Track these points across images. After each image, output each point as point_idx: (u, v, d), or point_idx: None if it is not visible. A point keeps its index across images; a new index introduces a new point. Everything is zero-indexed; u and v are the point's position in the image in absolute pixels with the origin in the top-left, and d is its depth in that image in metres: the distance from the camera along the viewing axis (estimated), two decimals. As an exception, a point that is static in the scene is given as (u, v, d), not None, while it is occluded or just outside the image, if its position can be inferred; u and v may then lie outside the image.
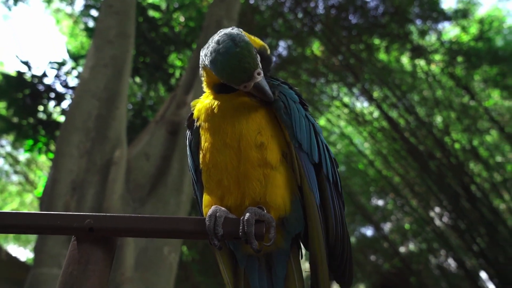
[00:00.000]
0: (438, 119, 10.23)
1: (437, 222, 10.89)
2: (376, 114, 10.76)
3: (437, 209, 10.83)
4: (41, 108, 6.68)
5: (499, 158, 10.44)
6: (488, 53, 8.82)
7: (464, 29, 9.05)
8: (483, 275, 10.92)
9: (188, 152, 1.07)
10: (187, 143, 1.07)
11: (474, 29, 9.24)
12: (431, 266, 13.26)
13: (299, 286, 0.94)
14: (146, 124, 7.38)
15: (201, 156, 0.99)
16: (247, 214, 0.83)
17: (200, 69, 1.05)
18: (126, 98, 4.18)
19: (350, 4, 9.74)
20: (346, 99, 11.47)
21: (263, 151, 0.91)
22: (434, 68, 9.71)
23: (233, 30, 0.95)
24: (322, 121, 12.48)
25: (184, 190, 3.86)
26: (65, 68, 7.03)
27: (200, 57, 1.01)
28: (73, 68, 7.13)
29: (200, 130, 1.01)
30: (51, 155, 6.88)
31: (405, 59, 10.08)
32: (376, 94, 10.26)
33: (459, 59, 9.24)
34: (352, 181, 11.62)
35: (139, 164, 3.91)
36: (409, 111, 9.68)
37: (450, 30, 9.90)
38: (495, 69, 9.07)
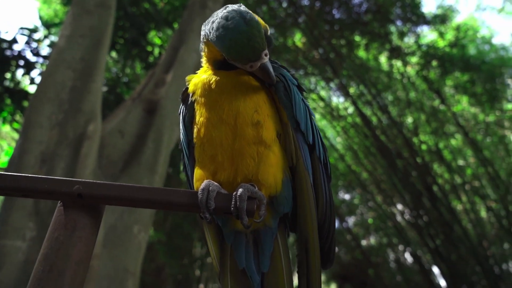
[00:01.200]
0: (409, 120, 10.56)
1: (399, 218, 11.32)
2: (350, 110, 10.97)
3: (400, 206, 11.25)
4: (8, 75, 6.34)
5: (461, 162, 10.92)
6: (461, 60, 9.15)
7: (441, 34, 9.33)
8: (436, 270, 11.50)
9: (181, 126, 1.06)
10: (181, 117, 1.07)
11: (450, 36, 9.55)
12: (388, 260, 13.85)
13: (285, 263, 0.97)
14: (120, 100, 7.18)
15: (195, 130, 0.98)
16: (240, 190, 0.84)
17: (201, 44, 1.04)
18: (103, 71, 4.05)
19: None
20: (323, 93, 11.61)
21: (259, 130, 0.92)
22: (409, 70, 9.98)
23: (241, 7, 0.94)
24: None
25: (158, 170, 3.81)
26: (36, 36, 6.69)
27: (202, 31, 1.00)
28: (45, 36, 6.79)
29: (195, 104, 1.01)
30: (16, 125, 6.58)
31: (383, 59, 10.29)
32: (352, 90, 10.44)
33: (434, 63, 9.54)
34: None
35: (113, 140, 3.82)
36: (382, 109, 9.93)
37: (428, 34, 10.18)
38: (466, 76, 9.44)
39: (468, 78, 9.34)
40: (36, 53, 6.40)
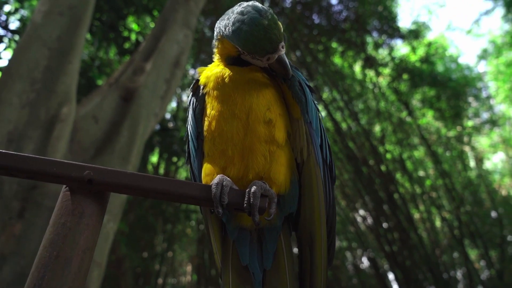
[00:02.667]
0: (377, 128, 10.90)
1: (360, 223, 11.68)
2: (322, 114, 11.17)
3: (362, 212, 11.61)
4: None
5: (421, 173, 11.42)
6: (430, 76, 9.57)
7: (413, 49, 9.70)
8: (391, 276, 11.97)
9: (191, 118, 1.04)
10: (191, 109, 1.05)
11: (421, 51, 9.95)
12: (346, 263, 14.25)
13: (288, 261, 0.98)
14: (92, 84, 6.93)
15: (206, 123, 0.98)
16: (254, 187, 0.84)
17: (214, 40, 1.03)
18: (80, 53, 3.88)
19: (316, 4, 9.93)
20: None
21: (271, 128, 0.93)
22: (381, 80, 10.30)
23: (254, 2, 0.94)
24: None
25: (131, 160, 3.71)
26: (6, 8, 6.32)
27: (216, 29, 0.99)
28: (16, 9, 6.43)
29: (207, 97, 1.00)
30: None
31: (357, 67, 10.55)
32: (325, 95, 10.65)
33: (404, 76, 9.91)
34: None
35: (86, 125, 3.68)
36: (353, 117, 10.20)
37: (401, 48, 10.55)
38: (433, 91, 9.88)
39: (434, 93, 9.77)
40: (5, 26, 6.05)
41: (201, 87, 1.02)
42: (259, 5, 0.92)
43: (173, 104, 10.78)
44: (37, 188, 3.02)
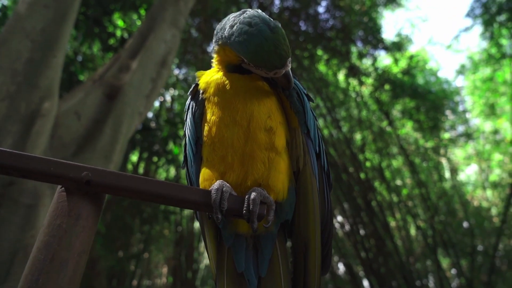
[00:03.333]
0: (358, 136, 11.08)
1: (338, 229, 11.81)
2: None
3: (340, 218, 11.76)
4: None
5: (399, 182, 11.67)
6: (410, 88, 9.80)
7: (396, 61, 9.92)
8: (365, 282, 12.15)
9: (190, 123, 1.03)
10: (191, 114, 1.04)
11: (403, 63, 10.19)
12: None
13: (283, 269, 0.98)
14: (73, 79, 6.78)
15: (206, 128, 0.97)
16: (254, 194, 0.84)
17: (214, 46, 1.02)
18: (65, 47, 3.79)
19: (303, 10, 10.04)
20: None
21: (271, 136, 0.93)
22: (364, 89, 10.49)
23: (260, 12, 0.94)
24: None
25: (114, 159, 3.64)
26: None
27: (217, 34, 0.98)
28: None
29: (206, 102, 0.99)
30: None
31: (341, 75, 10.71)
32: (309, 101, 10.73)
33: (386, 86, 10.12)
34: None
35: (68, 122, 3.59)
36: (335, 124, 10.34)
37: (384, 59, 10.78)
38: (413, 103, 10.12)
39: (414, 105, 10.01)
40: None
41: (201, 91, 1.02)
42: (267, 17, 0.92)
43: (156, 104, 10.65)
44: (14, 185, 2.93)
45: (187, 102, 1.07)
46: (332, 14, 10.06)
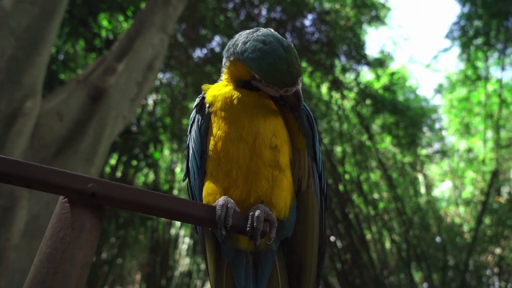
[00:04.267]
0: (338, 149, 11.25)
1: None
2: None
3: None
4: None
5: (376, 195, 11.88)
6: (391, 104, 10.05)
7: (377, 77, 10.17)
8: (340, 294, 12.22)
9: (195, 136, 1.03)
10: (196, 127, 1.03)
11: (385, 79, 10.46)
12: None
13: (282, 285, 0.99)
14: (54, 78, 6.62)
15: (211, 143, 0.97)
16: (258, 211, 0.85)
17: (226, 61, 1.03)
18: (50, 46, 3.71)
19: (290, 22, 10.19)
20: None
21: (276, 153, 0.94)
22: (346, 103, 10.68)
23: (273, 31, 0.96)
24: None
25: (96, 162, 3.57)
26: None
27: (229, 50, 0.99)
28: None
29: (213, 116, 0.99)
30: None
31: (324, 88, 10.89)
32: (291, 112, 10.82)
33: (368, 101, 10.34)
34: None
35: (49, 122, 3.50)
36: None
37: (366, 74, 11.03)
38: (392, 118, 10.38)
39: (394, 120, 10.26)
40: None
41: (207, 105, 1.02)
42: (280, 36, 0.94)
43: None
44: (-10, 185, 2.82)
45: (192, 115, 1.07)
46: (318, 27, 10.25)
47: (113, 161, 9.79)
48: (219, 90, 1.02)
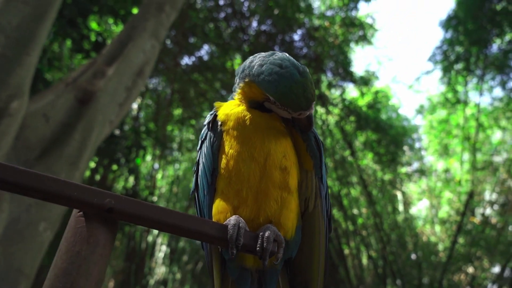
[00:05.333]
0: (320, 163, 11.34)
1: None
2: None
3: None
4: None
5: (355, 211, 12.04)
6: (374, 121, 10.27)
7: (362, 94, 10.39)
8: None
9: (207, 153, 1.04)
10: (209, 144, 1.04)
11: (369, 97, 10.69)
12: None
13: None
14: (38, 77, 6.48)
15: (223, 161, 0.98)
16: (268, 232, 0.86)
17: (240, 81, 1.04)
18: (41, 47, 3.65)
19: (279, 36, 10.34)
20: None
21: (285, 175, 0.96)
22: (330, 118, 10.85)
23: (288, 55, 0.98)
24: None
25: (80, 167, 3.50)
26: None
27: (244, 71, 1.01)
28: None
29: (225, 134, 1.01)
30: None
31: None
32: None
33: (351, 118, 10.54)
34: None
35: (35, 123, 3.42)
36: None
37: (351, 91, 11.25)
38: (375, 136, 10.59)
39: (376, 138, 10.47)
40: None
41: (219, 123, 1.03)
42: (296, 61, 0.97)
43: (122, 110, 10.36)
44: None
45: (204, 132, 1.08)
46: (307, 43, 10.43)
47: (92, 164, 9.60)
48: (232, 109, 1.04)
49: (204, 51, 11.06)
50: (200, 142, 1.09)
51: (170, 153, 12.49)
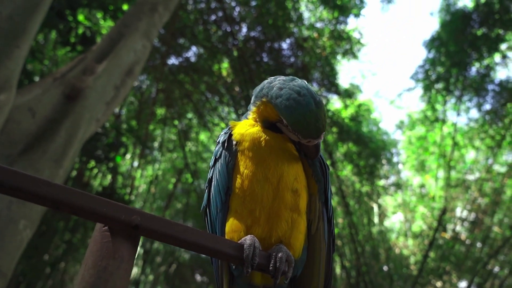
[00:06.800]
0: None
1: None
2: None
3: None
4: None
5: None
6: (355, 134, 10.47)
7: (346, 106, 10.58)
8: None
9: (223, 172, 1.05)
10: (224, 163, 1.06)
11: (352, 110, 10.90)
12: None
13: None
14: (21, 68, 6.31)
15: (238, 181, 1.01)
16: (281, 253, 0.90)
17: (256, 99, 1.08)
18: (31, 40, 3.57)
19: (268, 43, 10.43)
20: (232, 124, 11.96)
21: (296, 198, 1.00)
22: (313, 128, 10.96)
23: (307, 84, 1.02)
24: (202, 136, 12.66)
25: (64, 164, 3.43)
26: None
27: (262, 91, 1.05)
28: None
29: (240, 154, 1.03)
30: None
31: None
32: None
33: (334, 129, 10.71)
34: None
35: (20, 117, 3.34)
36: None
37: (335, 102, 11.44)
38: (355, 148, 10.80)
39: (357, 150, 10.68)
40: None
41: (234, 142, 1.06)
42: (313, 90, 1.01)
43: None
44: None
45: (218, 150, 1.10)
46: (295, 52, 10.56)
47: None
48: (247, 129, 1.07)
49: (192, 52, 11.03)
50: (213, 159, 1.11)
51: (150, 152, 12.34)
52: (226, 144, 1.08)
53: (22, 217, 2.95)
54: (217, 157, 1.10)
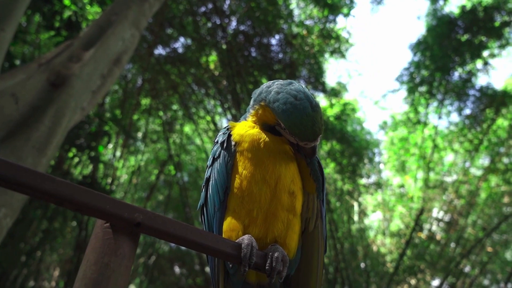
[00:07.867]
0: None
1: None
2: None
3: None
4: None
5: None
6: (340, 132, 10.60)
7: (331, 105, 10.68)
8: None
9: (222, 172, 1.06)
10: (223, 163, 1.07)
11: (337, 109, 11.02)
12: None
13: None
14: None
15: (236, 181, 1.02)
16: (277, 253, 0.92)
17: (255, 103, 1.09)
18: (16, 24, 3.47)
19: (257, 38, 10.41)
20: (217, 118, 11.92)
21: (293, 199, 1.02)
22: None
23: (304, 87, 1.04)
24: (187, 128, 12.58)
25: (47, 153, 3.36)
26: None
27: (261, 94, 1.06)
28: None
29: (238, 155, 1.04)
30: None
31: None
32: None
33: (318, 127, 10.80)
34: (193, 193, 11.95)
35: (2, 102, 3.24)
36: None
37: (321, 100, 11.54)
38: (339, 146, 10.94)
39: (340, 148, 10.81)
40: None
41: (233, 143, 1.07)
42: (310, 94, 1.03)
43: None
44: None
45: (217, 150, 1.10)
46: (283, 48, 10.57)
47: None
48: (247, 130, 1.08)
49: (180, 43, 10.91)
50: (211, 159, 1.12)
51: (133, 143, 12.18)
52: (225, 145, 1.09)
53: (2, 205, 2.89)
54: (215, 157, 1.10)
